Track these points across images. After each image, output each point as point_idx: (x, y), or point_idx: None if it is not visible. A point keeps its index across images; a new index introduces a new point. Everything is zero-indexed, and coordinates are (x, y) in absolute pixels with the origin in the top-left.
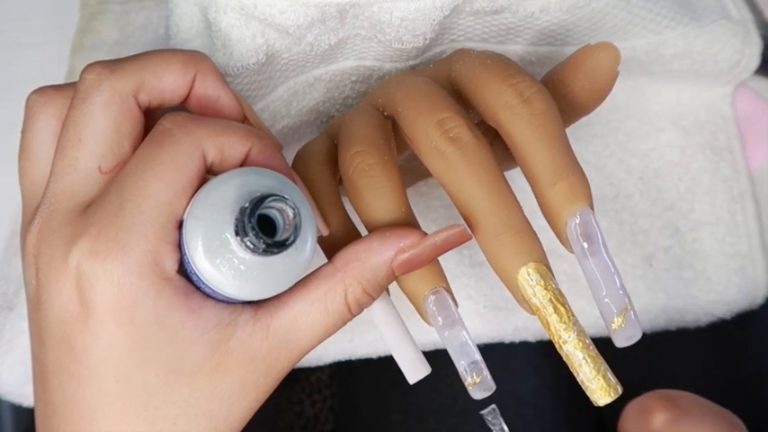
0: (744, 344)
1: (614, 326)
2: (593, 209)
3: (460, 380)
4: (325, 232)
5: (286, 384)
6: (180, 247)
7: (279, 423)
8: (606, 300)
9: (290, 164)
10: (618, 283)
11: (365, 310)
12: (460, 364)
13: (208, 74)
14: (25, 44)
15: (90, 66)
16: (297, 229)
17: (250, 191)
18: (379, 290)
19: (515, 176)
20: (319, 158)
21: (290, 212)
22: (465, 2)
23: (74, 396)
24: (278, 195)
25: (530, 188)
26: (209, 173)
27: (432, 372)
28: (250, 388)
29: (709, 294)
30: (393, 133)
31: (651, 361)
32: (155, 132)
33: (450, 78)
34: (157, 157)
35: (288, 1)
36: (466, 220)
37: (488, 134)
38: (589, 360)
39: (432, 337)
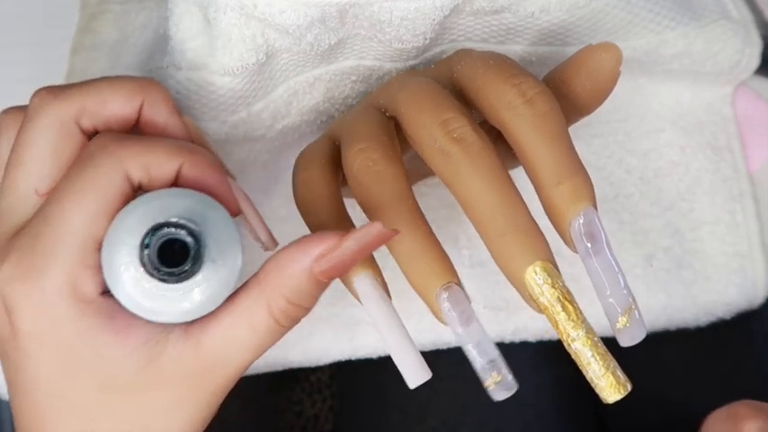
0: (743, 344)
1: (619, 325)
2: (596, 209)
3: (460, 380)
4: (273, 247)
5: (286, 384)
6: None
7: (279, 423)
8: (611, 299)
9: (293, 167)
10: (622, 283)
11: (368, 313)
12: (478, 363)
13: (155, 101)
14: (25, 44)
15: (37, 91)
16: (197, 258)
17: (161, 215)
18: (306, 298)
19: (515, 176)
20: (321, 161)
21: (189, 240)
22: (465, 2)
23: (19, 407)
24: (174, 224)
25: (530, 188)
26: (143, 191)
27: (431, 372)
28: (185, 403)
29: (709, 294)
30: (396, 134)
31: (651, 361)
32: (79, 156)
33: (452, 79)
34: (77, 182)
35: (288, 1)
36: (471, 220)
37: (491, 134)
38: (598, 357)
39: (431, 338)
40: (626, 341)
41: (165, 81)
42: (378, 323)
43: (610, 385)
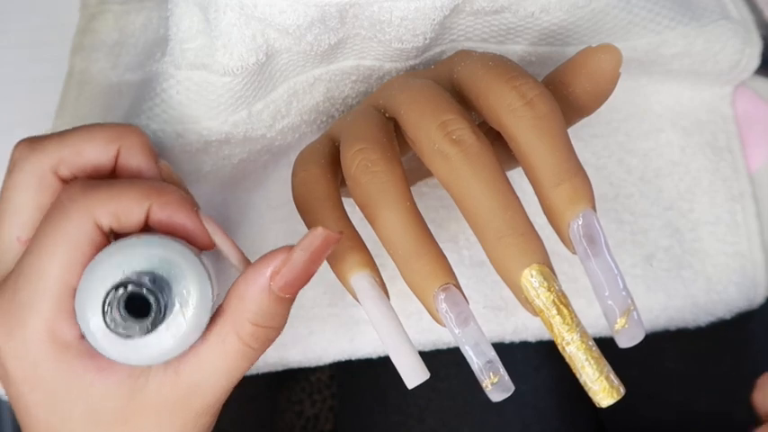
0: (741, 344)
1: (617, 326)
2: (595, 210)
3: (460, 380)
4: (240, 267)
5: (286, 384)
6: None
7: (279, 423)
8: (609, 301)
9: (292, 167)
10: (621, 284)
11: (365, 312)
12: (475, 364)
13: (132, 147)
14: (25, 44)
15: (17, 143)
16: (161, 312)
17: (126, 268)
18: (272, 318)
19: (515, 176)
20: (320, 161)
21: (150, 297)
22: (465, 1)
23: None
24: (134, 281)
25: (530, 188)
26: (116, 235)
27: (431, 372)
28: (169, 430)
29: (709, 294)
30: (395, 134)
31: (650, 360)
32: (52, 207)
33: (451, 80)
34: (49, 234)
35: (288, 1)
36: (469, 222)
37: (490, 134)
38: (592, 361)
39: (431, 338)
40: (624, 342)
41: (164, 81)
42: (375, 323)
43: (603, 390)
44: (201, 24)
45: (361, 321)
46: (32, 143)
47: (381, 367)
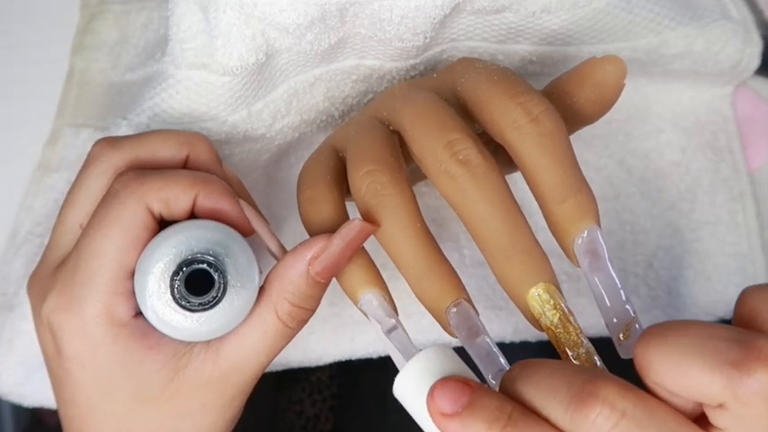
0: None
1: (620, 339)
2: (600, 226)
3: None
4: (278, 254)
5: (286, 384)
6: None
7: (279, 423)
8: (612, 314)
9: (297, 183)
10: (623, 298)
11: (369, 316)
12: (488, 374)
13: (201, 153)
14: (25, 44)
15: (98, 140)
16: (222, 288)
17: (186, 248)
18: (308, 300)
19: (515, 177)
20: (327, 177)
21: (214, 273)
22: (466, 0)
23: (65, 415)
24: (200, 259)
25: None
26: (166, 221)
27: None
28: (210, 407)
29: (709, 294)
30: (400, 149)
31: None
32: (106, 194)
33: (455, 92)
34: (105, 218)
35: None
36: (476, 240)
37: (491, 144)
38: None
39: (431, 337)
40: (626, 354)
41: (164, 80)
42: (386, 340)
43: None
44: (201, 24)
45: (361, 321)
46: (111, 141)
47: (381, 367)
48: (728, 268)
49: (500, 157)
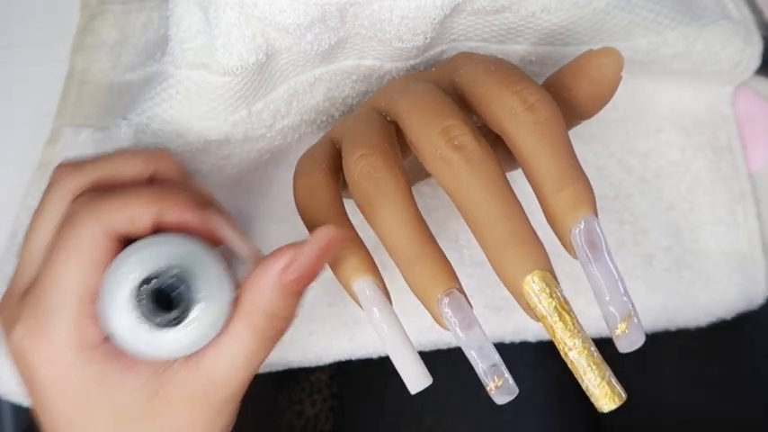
0: (738, 346)
1: (618, 332)
2: (597, 216)
3: (458, 380)
4: (251, 261)
5: (286, 384)
6: None
7: (279, 423)
8: (610, 306)
9: (293, 171)
10: (621, 290)
11: (368, 318)
12: (480, 368)
13: (167, 172)
14: (25, 44)
15: (58, 165)
16: (187, 302)
17: (149, 266)
18: (283, 309)
19: (515, 176)
20: (322, 166)
21: (178, 288)
22: (466, 1)
23: None
24: (162, 274)
25: (529, 188)
26: (129, 239)
27: (429, 372)
28: (197, 421)
29: (709, 294)
30: (397, 138)
31: (647, 360)
32: (65, 216)
33: (453, 84)
34: (66, 242)
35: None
36: (471, 228)
37: (490, 137)
38: (594, 367)
39: (432, 338)
40: (625, 347)
41: (164, 80)
42: (378, 329)
43: (605, 395)
44: (201, 24)
45: (361, 321)
46: (71, 165)
47: (381, 367)
48: (729, 268)
49: (499, 151)
